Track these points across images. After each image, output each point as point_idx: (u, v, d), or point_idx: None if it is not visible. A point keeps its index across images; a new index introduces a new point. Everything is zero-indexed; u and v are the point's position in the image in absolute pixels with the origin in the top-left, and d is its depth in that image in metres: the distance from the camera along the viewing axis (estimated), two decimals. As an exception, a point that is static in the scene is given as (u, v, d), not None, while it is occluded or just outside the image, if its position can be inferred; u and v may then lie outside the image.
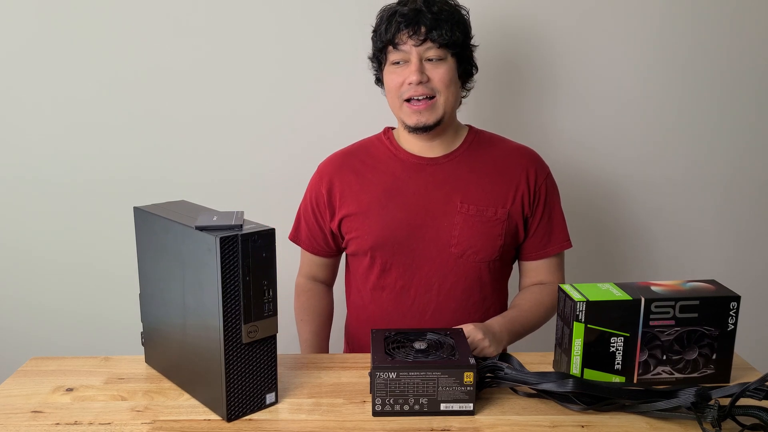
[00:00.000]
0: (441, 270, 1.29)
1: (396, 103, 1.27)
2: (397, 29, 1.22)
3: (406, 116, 1.26)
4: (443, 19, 1.22)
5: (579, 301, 0.99)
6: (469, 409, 0.96)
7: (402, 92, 1.25)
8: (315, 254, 1.41)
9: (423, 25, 1.21)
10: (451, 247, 1.28)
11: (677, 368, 1.03)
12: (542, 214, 1.32)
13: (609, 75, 1.69)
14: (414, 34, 1.22)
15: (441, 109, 1.25)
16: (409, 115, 1.25)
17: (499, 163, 1.32)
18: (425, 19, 1.21)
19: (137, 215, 1.06)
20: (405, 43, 1.23)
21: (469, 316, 1.30)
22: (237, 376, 0.94)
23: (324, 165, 1.38)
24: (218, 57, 1.65)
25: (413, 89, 1.23)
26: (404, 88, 1.24)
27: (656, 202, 1.78)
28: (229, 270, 0.90)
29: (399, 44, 1.23)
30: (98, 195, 1.72)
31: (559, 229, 1.35)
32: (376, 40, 1.28)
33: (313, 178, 1.39)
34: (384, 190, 1.30)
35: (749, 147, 1.75)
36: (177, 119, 1.69)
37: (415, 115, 1.25)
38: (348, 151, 1.38)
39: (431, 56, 1.23)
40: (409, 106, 1.25)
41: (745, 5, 1.65)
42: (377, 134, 1.39)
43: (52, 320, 1.81)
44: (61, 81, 1.66)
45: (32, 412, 0.98)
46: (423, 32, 1.21)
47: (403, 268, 1.30)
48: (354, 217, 1.32)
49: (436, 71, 1.23)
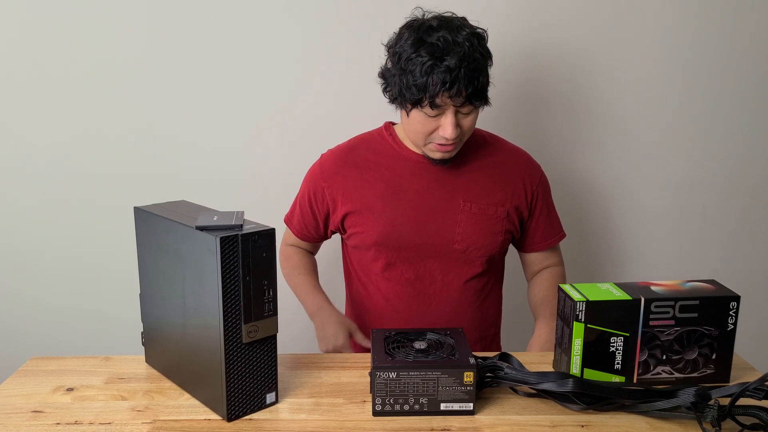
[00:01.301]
0: (444, 264, 1.34)
1: (420, 141, 1.26)
2: (438, 90, 1.16)
3: (430, 153, 1.28)
4: (480, 74, 1.18)
5: (579, 301, 0.99)
6: (469, 408, 0.96)
7: (432, 137, 1.24)
8: (303, 239, 1.46)
9: (464, 87, 1.17)
10: (454, 243, 1.32)
11: (677, 368, 1.03)
12: (541, 210, 1.39)
13: (608, 76, 1.69)
14: (455, 96, 1.17)
15: (461, 144, 1.28)
16: (434, 152, 1.27)
17: (498, 164, 1.36)
18: (465, 80, 1.16)
19: (137, 215, 1.06)
20: (444, 104, 1.19)
21: (471, 304, 1.37)
22: (237, 376, 0.94)
23: (326, 159, 1.39)
24: (218, 57, 1.65)
25: (445, 140, 1.22)
26: (435, 135, 1.23)
27: (656, 203, 1.78)
28: (229, 270, 0.90)
29: (439, 104, 1.18)
30: (99, 195, 1.72)
31: (557, 221, 1.45)
32: (407, 86, 1.19)
33: (314, 169, 1.40)
34: (387, 187, 1.32)
35: (749, 147, 1.75)
36: (177, 119, 1.69)
37: (441, 153, 1.26)
38: (349, 145, 1.39)
39: (466, 111, 1.22)
40: (436, 146, 1.25)
41: (744, 6, 1.66)
42: (378, 129, 1.40)
43: (53, 320, 1.81)
44: (62, 81, 1.66)
45: (32, 411, 0.98)
46: (463, 96, 1.18)
47: (408, 263, 1.34)
48: (357, 213, 1.33)
49: (466, 121, 1.23)
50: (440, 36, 1.17)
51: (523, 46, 1.67)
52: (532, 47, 1.67)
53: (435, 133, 1.23)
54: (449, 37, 1.17)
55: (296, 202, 1.44)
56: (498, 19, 1.64)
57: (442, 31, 1.18)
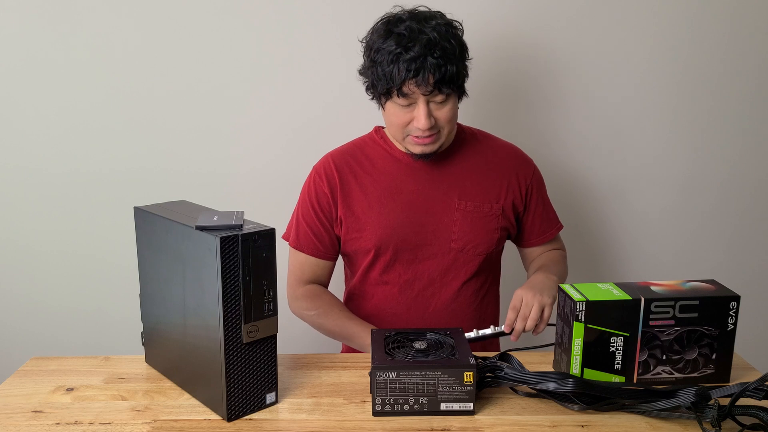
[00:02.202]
0: (442, 264, 1.33)
1: (399, 134, 1.27)
2: (405, 77, 1.17)
3: (410, 146, 1.28)
4: (447, 62, 1.18)
5: (579, 301, 0.99)
6: (469, 408, 0.96)
7: (408, 130, 1.25)
8: (319, 257, 1.36)
9: (430, 74, 1.17)
10: (451, 242, 1.32)
11: (677, 368, 1.03)
12: (537, 204, 1.40)
13: (608, 76, 1.69)
14: (422, 84, 1.17)
15: (443, 139, 1.27)
16: (414, 146, 1.27)
17: (490, 161, 1.36)
18: (431, 67, 1.16)
19: (137, 215, 1.06)
20: (412, 92, 1.19)
21: (470, 304, 1.36)
22: (237, 376, 0.94)
23: (320, 165, 1.37)
24: (218, 57, 1.65)
25: (421, 131, 1.23)
26: (411, 128, 1.24)
27: (656, 203, 1.78)
28: (229, 270, 0.90)
29: (407, 92, 1.19)
30: (99, 195, 1.72)
31: (553, 212, 1.46)
32: (377, 78, 1.21)
33: (309, 180, 1.37)
34: (383, 190, 1.32)
35: (749, 147, 1.75)
36: (177, 119, 1.69)
37: (420, 146, 1.26)
38: (343, 150, 1.38)
39: (438, 100, 1.22)
40: (414, 139, 1.25)
41: (743, 6, 1.66)
42: (368, 134, 1.40)
43: (53, 320, 1.81)
44: (62, 81, 1.66)
45: (32, 411, 0.98)
46: (431, 83, 1.18)
47: (407, 265, 1.33)
48: (354, 218, 1.32)
49: (442, 112, 1.23)
50: (407, 26, 1.18)
51: (524, 46, 1.67)
52: (532, 47, 1.67)
53: (410, 125, 1.23)
54: (416, 26, 1.18)
55: (298, 222, 1.37)
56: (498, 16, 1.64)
57: (410, 21, 1.19)
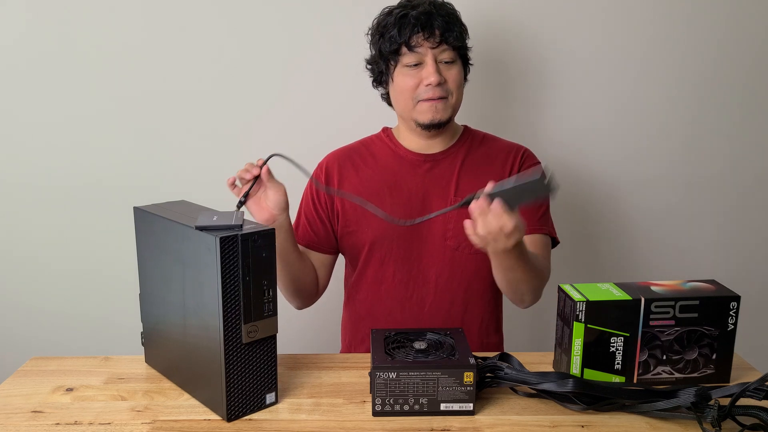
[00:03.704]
0: (438, 263, 1.32)
1: (409, 104, 1.28)
2: (412, 31, 1.22)
3: (420, 114, 1.27)
4: (453, 22, 1.25)
5: (579, 301, 0.99)
6: (469, 409, 0.96)
7: (418, 93, 1.26)
8: (311, 248, 1.37)
9: (437, 27, 1.22)
10: (446, 240, 1.31)
11: (677, 368, 1.03)
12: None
13: (606, 75, 1.69)
14: (430, 37, 1.23)
15: (452, 108, 1.29)
16: (425, 112, 1.27)
17: (492, 159, 1.36)
18: (439, 21, 1.22)
19: (137, 215, 1.06)
20: (421, 46, 1.23)
21: (466, 306, 1.34)
22: (237, 376, 0.94)
23: (324, 160, 1.40)
24: (218, 58, 1.65)
25: (431, 90, 1.24)
26: (421, 89, 1.25)
27: (656, 202, 1.78)
28: (229, 270, 0.90)
29: (415, 47, 1.23)
30: (98, 195, 1.72)
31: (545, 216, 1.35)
32: (386, 42, 1.26)
33: (313, 174, 1.39)
34: (382, 185, 1.33)
35: (749, 147, 1.75)
36: (177, 119, 1.69)
37: (431, 111, 1.26)
38: (349, 147, 1.41)
39: (445, 58, 1.25)
40: (424, 104, 1.26)
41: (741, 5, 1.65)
42: (376, 133, 1.42)
43: (52, 320, 1.81)
44: (61, 81, 1.66)
45: (32, 412, 0.98)
46: (438, 35, 1.23)
47: (401, 262, 1.33)
48: (351, 211, 1.34)
49: (450, 72, 1.26)
50: None
51: (524, 46, 1.67)
52: (533, 47, 1.67)
53: (420, 87, 1.25)
54: None
55: (299, 215, 1.41)
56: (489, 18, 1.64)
57: None
